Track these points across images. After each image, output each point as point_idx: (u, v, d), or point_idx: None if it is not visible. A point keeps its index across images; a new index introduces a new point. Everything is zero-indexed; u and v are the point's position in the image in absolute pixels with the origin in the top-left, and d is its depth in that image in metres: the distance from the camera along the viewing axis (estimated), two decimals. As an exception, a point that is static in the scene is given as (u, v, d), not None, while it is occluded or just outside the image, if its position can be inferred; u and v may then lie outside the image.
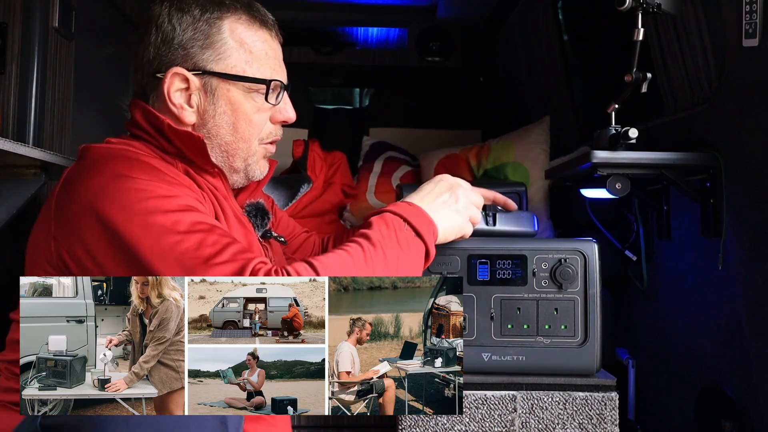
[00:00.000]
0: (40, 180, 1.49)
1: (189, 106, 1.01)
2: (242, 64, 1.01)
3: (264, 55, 1.03)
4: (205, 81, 1.00)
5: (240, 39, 1.01)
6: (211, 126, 1.02)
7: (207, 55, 0.99)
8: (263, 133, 1.06)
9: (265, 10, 1.07)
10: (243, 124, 1.03)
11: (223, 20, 1.00)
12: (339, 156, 2.27)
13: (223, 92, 1.01)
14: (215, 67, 1.00)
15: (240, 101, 1.02)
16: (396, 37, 3.10)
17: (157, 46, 1.00)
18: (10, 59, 1.62)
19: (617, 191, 1.30)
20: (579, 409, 1.12)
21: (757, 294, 1.16)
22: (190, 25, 0.99)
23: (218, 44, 1.00)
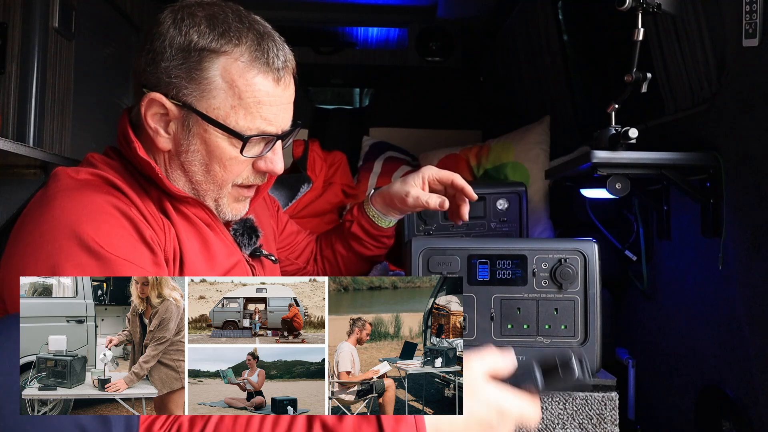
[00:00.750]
0: (40, 180, 1.49)
1: (166, 132, 0.96)
2: (227, 108, 0.93)
3: (256, 104, 0.94)
4: (184, 114, 0.94)
5: (231, 80, 0.92)
6: (184, 160, 0.97)
7: (191, 90, 0.92)
8: (239, 179, 1.00)
9: (278, 48, 0.96)
10: (216, 167, 0.96)
11: (219, 56, 0.92)
12: (339, 156, 2.27)
13: (200, 131, 0.94)
14: (196, 104, 0.93)
15: (216, 144, 0.95)
16: (396, 37, 3.10)
17: (147, 61, 0.94)
18: (10, 59, 1.62)
19: (617, 191, 1.30)
20: (579, 409, 1.12)
21: (757, 294, 1.16)
22: (181, 52, 0.92)
23: (205, 82, 0.92)
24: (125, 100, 2.34)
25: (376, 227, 1.32)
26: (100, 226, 0.86)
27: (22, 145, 1.29)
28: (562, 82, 2.24)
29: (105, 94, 2.16)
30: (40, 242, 0.85)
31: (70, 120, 1.84)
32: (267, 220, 1.23)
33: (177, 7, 0.95)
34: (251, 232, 1.09)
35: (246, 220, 1.10)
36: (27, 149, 1.30)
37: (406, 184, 1.26)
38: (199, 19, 0.93)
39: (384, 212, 1.31)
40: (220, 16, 0.94)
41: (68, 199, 0.88)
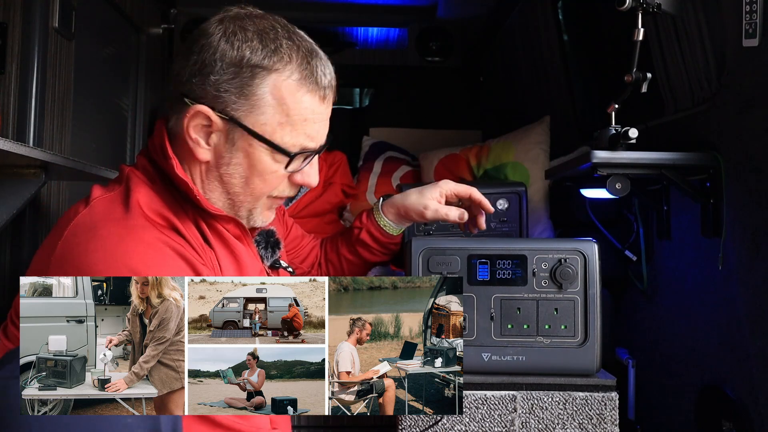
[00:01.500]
0: (40, 180, 1.49)
1: (206, 144, 0.95)
2: (274, 125, 0.94)
3: (302, 121, 0.95)
4: (229, 127, 0.94)
5: (281, 98, 0.93)
6: (224, 172, 0.97)
7: (239, 105, 0.93)
8: (276, 191, 1.02)
9: (324, 65, 0.98)
10: (256, 180, 0.98)
11: (270, 74, 0.93)
12: (339, 156, 2.27)
13: (244, 145, 0.95)
14: (244, 119, 0.93)
15: (259, 159, 0.96)
16: (396, 37, 3.10)
17: (194, 72, 0.93)
18: (10, 59, 1.62)
19: (617, 191, 1.30)
20: (579, 409, 1.12)
21: (757, 294, 1.16)
22: (233, 66, 0.92)
23: (255, 98, 0.93)
24: (125, 100, 2.34)
25: (386, 235, 1.32)
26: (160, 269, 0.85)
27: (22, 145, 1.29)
28: (562, 82, 2.24)
29: (105, 94, 2.16)
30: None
31: (70, 120, 1.84)
32: (279, 229, 1.24)
33: (225, 19, 0.95)
34: (274, 245, 1.11)
35: (269, 232, 1.11)
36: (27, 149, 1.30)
37: (424, 197, 1.25)
38: (251, 34, 0.93)
39: (396, 222, 1.31)
40: (270, 32, 0.94)
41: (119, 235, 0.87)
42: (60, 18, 1.71)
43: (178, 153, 0.98)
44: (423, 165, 2.21)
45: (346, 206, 2.21)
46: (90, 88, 1.99)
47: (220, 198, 1.00)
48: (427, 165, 2.18)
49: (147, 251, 0.86)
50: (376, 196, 2.19)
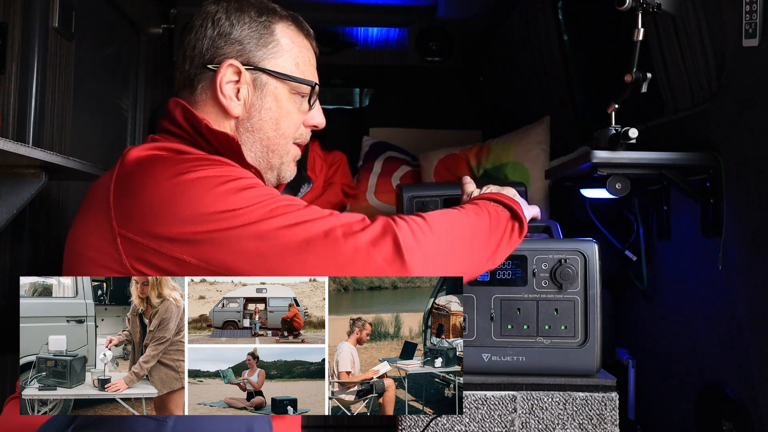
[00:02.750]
0: (40, 180, 1.49)
1: (237, 99, 1.04)
2: (291, 65, 1.06)
3: (308, 61, 1.09)
4: (256, 77, 1.04)
5: (290, 43, 1.07)
6: (256, 120, 1.05)
7: (261, 53, 1.04)
8: (296, 134, 1.11)
9: (307, 24, 1.14)
10: (285, 120, 1.07)
11: (277, 24, 1.06)
12: (339, 156, 2.27)
13: (271, 89, 1.05)
14: (268, 65, 1.05)
15: (284, 99, 1.07)
16: (396, 37, 3.10)
17: (213, 38, 1.03)
18: (10, 59, 1.62)
19: (617, 191, 1.30)
20: (579, 409, 1.12)
21: (757, 294, 1.16)
22: (247, 24, 1.04)
23: (272, 44, 1.05)
24: (125, 100, 2.34)
25: None
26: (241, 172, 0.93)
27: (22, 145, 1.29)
28: (562, 82, 2.24)
29: (105, 94, 2.16)
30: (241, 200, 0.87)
31: (70, 120, 1.84)
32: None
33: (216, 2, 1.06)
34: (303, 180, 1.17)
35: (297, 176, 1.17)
36: (27, 149, 1.30)
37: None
38: (247, 3, 1.06)
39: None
40: (258, 2, 1.08)
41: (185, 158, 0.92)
42: (60, 18, 1.71)
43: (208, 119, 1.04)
44: (423, 165, 2.21)
45: (346, 206, 2.21)
46: (90, 88, 1.99)
47: (254, 149, 1.07)
48: (427, 165, 2.18)
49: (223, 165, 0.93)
50: (376, 196, 2.19)
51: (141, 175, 0.89)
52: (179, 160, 0.91)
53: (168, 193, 0.86)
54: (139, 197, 0.87)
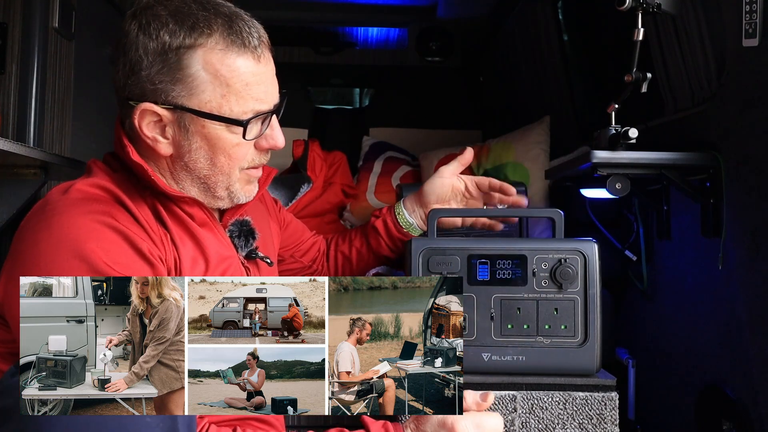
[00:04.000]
0: (40, 180, 1.49)
1: (163, 137, 0.96)
2: (218, 98, 0.93)
3: (243, 86, 0.94)
4: (177, 115, 0.94)
5: (215, 71, 0.92)
6: (188, 159, 0.97)
7: (178, 90, 0.92)
8: (245, 162, 1.00)
9: (249, 26, 0.96)
10: (221, 158, 0.97)
11: (196, 50, 0.91)
12: (339, 156, 2.27)
13: (198, 128, 0.94)
14: (187, 103, 0.92)
15: (217, 136, 0.95)
16: (396, 37, 3.10)
17: (126, 74, 0.93)
18: (10, 59, 1.62)
19: (617, 191, 1.30)
20: (579, 409, 1.12)
21: (757, 294, 1.16)
22: (159, 56, 0.91)
23: (189, 79, 0.92)
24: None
25: (397, 226, 1.33)
26: (100, 243, 0.87)
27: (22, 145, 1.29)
28: (562, 82, 2.24)
29: (105, 94, 2.15)
30: (41, 261, 0.86)
31: (70, 120, 1.84)
32: (265, 221, 1.23)
33: (137, 11, 0.94)
34: (248, 234, 1.09)
35: (243, 222, 1.09)
36: (27, 149, 1.30)
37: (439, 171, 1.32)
38: (164, 18, 0.92)
39: (410, 211, 1.33)
40: (184, 9, 0.93)
41: (64, 219, 0.88)
42: (60, 18, 1.71)
43: (143, 154, 0.99)
44: (423, 165, 2.21)
45: (346, 206, 2.21)
46: (90, 88, 1.99)
47: (192, 186, 1.00)
48: (427, 165, 2.18)
49: (84, 225, 0.87)
50: (376, 196, 2.19)
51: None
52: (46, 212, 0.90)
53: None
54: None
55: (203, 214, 1.02)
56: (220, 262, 1.01)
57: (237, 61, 0.93)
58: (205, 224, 1.02)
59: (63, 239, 0.86)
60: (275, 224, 1.29)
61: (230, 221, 1.08)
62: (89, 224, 0.88)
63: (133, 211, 0.93)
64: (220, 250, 1.03)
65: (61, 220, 0.87)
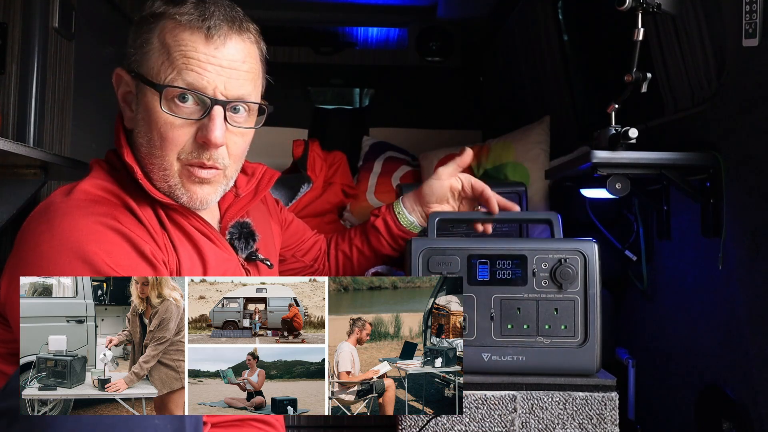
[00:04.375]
0: (40, 180, 1.49)
1: (130, 110, 0.97)
2: (158, 65, 0.92)
3: (181, 57, 0.91)
4: (135, 84, 0.95)
5: (163, 39, 0.93)
6: (136, 134, 0.96)
7: (138, 57, 0.95)
8: (182, 152, 0.95)
9: (221, 13, 0.94)
10: (155, 134, 0.94)
11: (161, 20, 0.94)
12: (339, 156, 2.27)
13: (143, 96, 0.94)
14: (139, 68, 0.94)
15: (154, 109, 0.93)
16: (396, 37, 3.10)
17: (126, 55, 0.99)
18: (10, 59, 1.62)
19: (617, 191, 1.30)
20: (579, 409, 1.12)
21: (757, 294, 1.16)
22: (137, 26, 0.97)
23: (146, 45, 0.94)
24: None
25: (398, 225, 1.34)
26: (102, 246, 0.87)
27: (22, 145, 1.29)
28: (562, 82, 2.24)
29: (105, 94, 2.15)
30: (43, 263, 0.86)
31: (70, 120, 1.84)
32: (266, 222, 1.23)
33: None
34: (248, 236, 1.09)
35: (243, 224, 1.09)
36: (27, 149, 1.30)
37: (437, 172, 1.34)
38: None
39: (410, 210, 1.34)
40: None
41: (66, 221, 0.88)
42: (60, 18, 1.71)
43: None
44: (423, 165, 2.21)
45: (346, 206, 2.21)
46: (90, 88, 1.99)
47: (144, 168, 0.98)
48: (427, 165, 2.18)
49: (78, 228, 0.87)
50: (376, 196, 2.19)
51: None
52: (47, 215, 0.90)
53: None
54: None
55: (197, 222, 1.02)
56: (219, 265, 1.02)
57: (184, 33, 0.92)
58: (201, 231, 1.02)
59: (65, 241, 0.86)
60: (276, 225, 1.30)
61: (230, 223, 1.09)
62: (92, 226, 0.88)
63: (136, 213, 0.93)
64: (218, 252, 1.03)
65: (63, 222, 0.88)
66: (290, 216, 1.38)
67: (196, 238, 1.00)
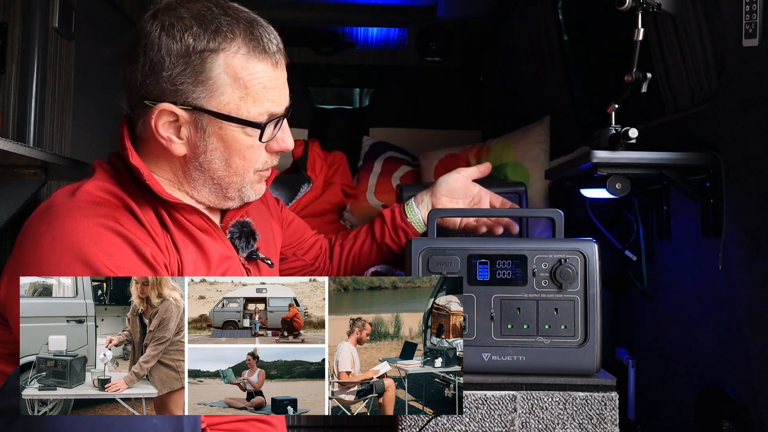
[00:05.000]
0: (40, 180, 1.49)
1: (178, 138, 0.97)
2: (236, 101, 0.95)
3: (261, 89, 0.97)
4: (195, 116, 0.95)
5: (235, 74, 0.95)
6: (203, 160, 0.98)
7: (198, 92, 0.94)
8: (259, 164, 1.03)
9: (268, 32, 0.99)
10: (237, 159, 0.99)
11: (219, 54, 0.93)
12: (339, 156, 2.27)
13: (215, 129, 0.96)
14: (206, 105, 0.94)
15: (233, 138, 0.97)
16: (396, 37, 3.10)
17: (145, 74, 0.94)
18: (10, 59, 1.62)
19: (617, 191, 1.30)
20: (579, 409, 1.12)
21: (757, 294, 1.16)
22: (182, 58, 0.92)
23: (211, 81, 0.94)
24: (125, 100, 2.34)
25: (402, 216, 1.35)
26: (103, 248, 0.87)
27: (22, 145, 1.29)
28: (562, 82, 2.24)
29: (105, 94, 2.15)
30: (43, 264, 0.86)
31: (70, 120, 1.84)
32: (267, 222, 1.23)
33: (159, 12, 0.95)
34: (249, 235, 1.10)
35: (244, 223, 1.10)
36: (27, 149, 1.30)
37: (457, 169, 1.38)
38: (188, 21, 0.93)
39: (419, 201, 1.36)
40: (207, 14, 0.94)
41: (68, 222, 0.89)
42: (60, 18, 1.71)
43: (153, 154, 1.00)
44: (423, 165, 2.21)
45: (346, 206, 2.21)
46: (90, 88, 1.99)
47: (206, 186, 1.02)
48: (427, 165, 2.18)
49: (79, 229, 0.88)
50: (376, 196, 2.19)
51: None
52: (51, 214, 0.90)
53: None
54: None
55: (202, 221, 1.02)
56: (220, 263, 1.02)
57: (257, 66, 0.96)
58: (204, 230, 1.02)
59: (66, 242, 0.86)
60: (277, 224, 1.30)
61: (231, 222, 1.09)
62: (93, 228, 0.88)
63: (138, 215, 0.94)
64: (221, 249, 1.03)
65: (64, 223, 0.88)
66: (291, 215, 1.38)
67: (198, 236, 1.01)
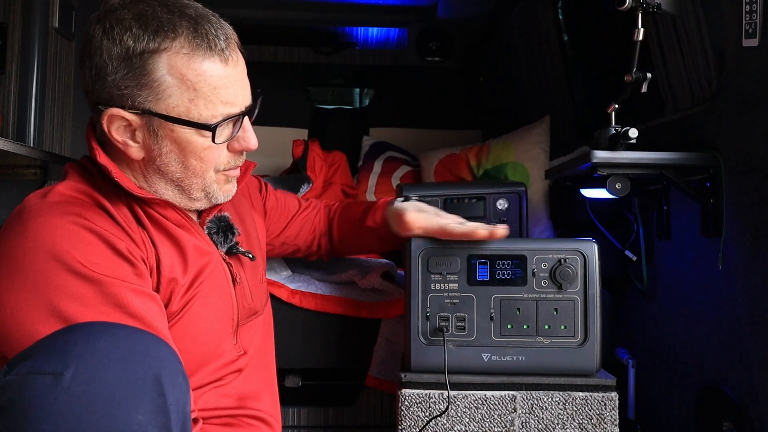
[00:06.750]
0: (40, 180, 1.49)
1: (134, 142, 0.94)
2: (186, 102, 0.91)
3: (211, 90, 0.92)
4: (146, 120, 0.92)
5: (181, 75, 0.90)
6: (160, 163, 0.96)
7: (144, 95, 0.90)
8: (220, 165, 0.99)
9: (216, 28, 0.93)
10: (193, 161, 0.96)
11: (160, 54, 0.89)
12: (339, 156, 2.27)
13: (167, 132, 0.93)
14: (155, 108, 0.91)
15: (186, 140, 0.94)
16: (396, 37, 3.10)
17: (93, 79, 0.92)
18: (10, 59, 1.62)
19: (617, 191, 1.30)
20: (579, 409, 1.12)
21: (757, 294, 1.16)
22: (123, 61, 0.89)
23: (156, 84, 0.90)
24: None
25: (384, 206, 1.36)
26: (75, 245, 0.86)
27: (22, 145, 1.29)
28: (562, 82, 2.24)
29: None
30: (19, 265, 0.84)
31: (70, 120, 1.84)
32: (249, 216, 1.22)
33: (102, 15, 0.93)
34: (227, 230, 1.08)
35: (221, 218, 1.08)
36: (27, 149, 1.30)
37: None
38: (128, 22, 0.90)
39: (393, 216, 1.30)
40: (148, 12, 0.91)
41: (39, 222, 0.88)
42: (60, 18, 1.71)
43: (116, 157, 0.98)
44: (423, 165, 2.21)
45: (346, 206, 2.20)
46: (90, 88, 1.98)
47: (167, 188, 0.99)
48: (427, 165, 2.18)
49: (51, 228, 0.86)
50: (376, 196, 2.19)
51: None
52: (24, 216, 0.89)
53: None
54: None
55: (177, 215, 1.01)
56: (198, 258, 1.01)
57: (203, 64, 0.91)
58: (181, 225, 1.02)
59: (39, 242, 0.85)
60: (260, 217, 1.29)
61: (208, 218, 1.08)
62: (65, 226, 0.87)
63: (111, 212, 0.93)
64: (198, 246, 1.02)
65: (36, 224, 0.87)
66: (271, 202, 1.35)
67: (174, 231, 1.00)
